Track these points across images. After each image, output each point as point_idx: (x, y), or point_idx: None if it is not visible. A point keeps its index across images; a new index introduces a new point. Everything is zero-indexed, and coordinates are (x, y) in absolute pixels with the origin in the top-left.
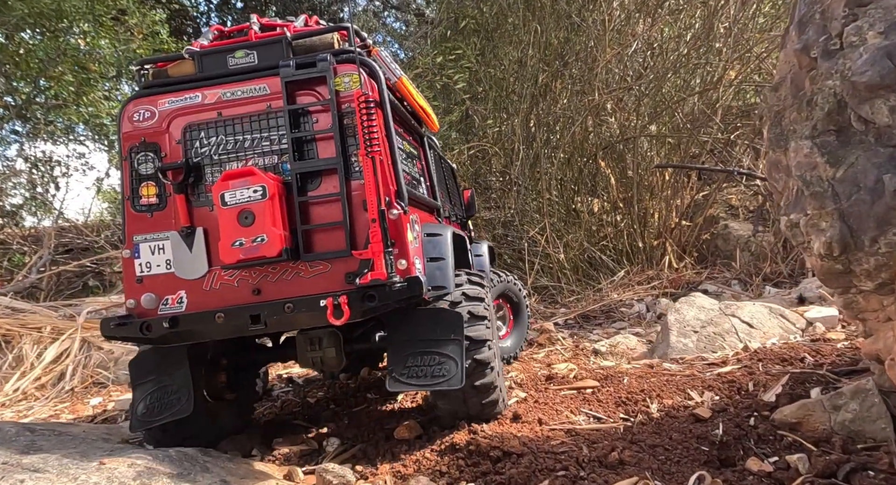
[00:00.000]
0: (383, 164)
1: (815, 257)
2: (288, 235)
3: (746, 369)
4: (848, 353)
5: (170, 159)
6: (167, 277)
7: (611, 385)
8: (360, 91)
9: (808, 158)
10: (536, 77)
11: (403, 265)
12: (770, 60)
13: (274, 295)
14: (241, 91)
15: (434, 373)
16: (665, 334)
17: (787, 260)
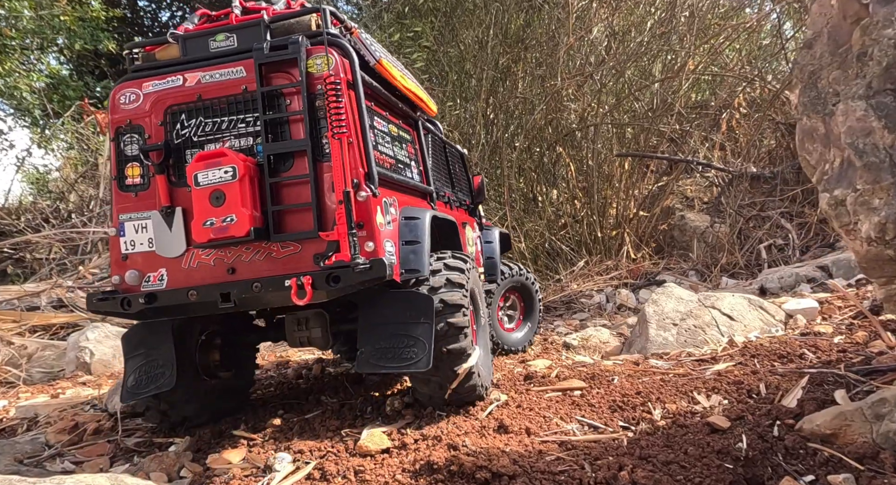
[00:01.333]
0: (353, 145)
1: (860, 241)
2: (259, 215)
3: (743, 366)
4: (850, 349)
5: (153, 141)
6: (149, 255)
7: (600, 386)
8: (327, 73)
9: (861, 123)
10: (497, 60)
11: (371, 247)
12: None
13: (247, 274)
14: (220, 74)
15: (402, 356)
16: (643, 327)
17: (743, 251)
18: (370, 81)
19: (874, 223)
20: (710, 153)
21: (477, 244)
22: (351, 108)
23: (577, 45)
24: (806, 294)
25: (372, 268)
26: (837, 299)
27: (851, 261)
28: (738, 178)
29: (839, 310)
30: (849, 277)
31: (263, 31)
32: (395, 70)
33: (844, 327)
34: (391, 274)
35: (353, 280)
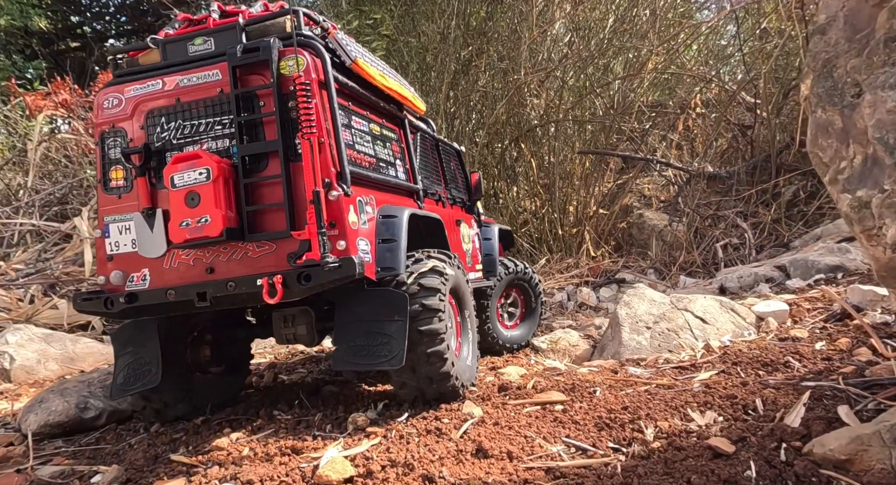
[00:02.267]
0: (325, 145)
1: (882, 247)
2: (234, 215)
3: (728, 375)
4: (834, 356)
5: (135, 144)
6: (132, 255)
7: (582, 400)
8: (297, 74)
9: (892, 115)
10: (458, 52)
11: (342, 246)
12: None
13: (224, 274)
14: (197, 77)
15: (377, 353)
16: (616, 331)
17: (700, 250)
18: (345, 82)
19: None
20: (668, 152)
21: (475, 241)
22: (323, 108)
23: (539, 40)
24: (771, 295)
25: (341, 266)
26: (805, 301)
27: (808, 261)
28: (696, 177)
29: (808, 312)
30: (806, 277)
31: (239, 34)
32: (374, 69)
33: (819, 331)
34: (361, 272)
35: (324, 279)
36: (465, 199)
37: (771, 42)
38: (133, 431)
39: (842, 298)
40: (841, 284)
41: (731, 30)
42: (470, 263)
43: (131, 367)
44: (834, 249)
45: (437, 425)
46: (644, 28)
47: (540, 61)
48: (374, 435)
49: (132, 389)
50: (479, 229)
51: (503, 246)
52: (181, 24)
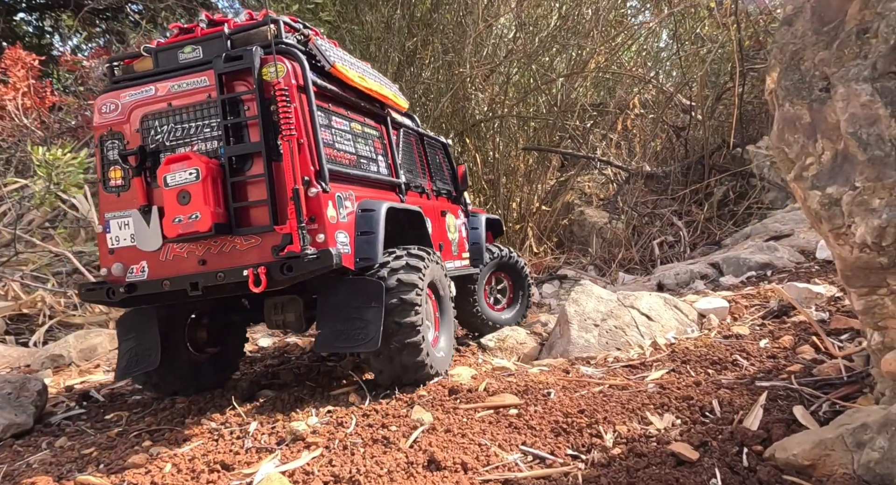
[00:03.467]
0: (304, 146)
1: (850, 247)
2: (222, 211)
3: (678, 374)
4: (779, 354)
5: (131, 146)
6: (132, 249)
7: (536, 402)
8: (277, 80)
9: (866, 110)
10: (403, 43)
11: (322, 239)
12: (626, 54)
13: (215, 265)
14: (187, 84)
15: (355, 336)
16: (565, 328)
17: (638, 247)
18: (324, 85)
19: (872, 227)
20: (609, 151)
21: (461, 231)
22: (302, 111)
23: (485, 34)
24: (708, 292)
25: (319, 258)
26: (742, 298)
27: (740, 259)
28: (634, 176)
29: (746, 309)
30: (738, 274)
31: (225, 43)
32: (353, 72)
33: (759, 328)
34: (339, 263)
35: (304, 269)
36: (451, 190)
37: (705, 47)
38: (34, 447)
39: (777, 295)
40: (772, 282)
41: (668, 33)
42: (456, 252)
43: (133, 351)
44: (763, 247)
45: (384, 434)
46: (587, 27)
47: (485, 56)
48: (316, 446)
49: (134, 371)
50: (466, 219)
51: (492, 234)
52: (173, 32)
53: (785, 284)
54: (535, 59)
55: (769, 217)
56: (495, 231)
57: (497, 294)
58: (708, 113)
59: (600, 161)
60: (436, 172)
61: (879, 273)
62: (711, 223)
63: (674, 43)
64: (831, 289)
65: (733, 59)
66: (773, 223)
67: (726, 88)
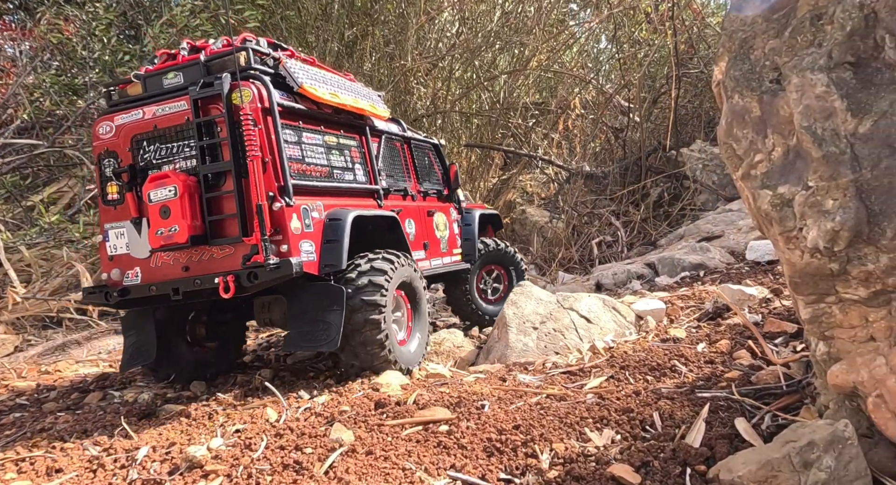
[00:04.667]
0: (269, 164)
1: (800, 251)
2: (199, 224)
3: (618, 381)
4: (717, 359)
5: (124, 164)
6: (126, 256)
7: (470, 417)
8: (243, 106)
9: (821, 102)
10: (342, 32)
11: (285, 249)
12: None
13: (195, 272)
14: (169, 107)
15: (318, 337)
16: (503, 332)
17: (577, 246)
18: (292, 105)
19: (825, 231)
20: (550, 150)
21: (453, 228)
22: (267, 131)
23: (427, 27)
24: (645, 292)
25: (280, 267)
26: (678, 299)
27: (674, 259)
28: (574, 175)
29: (682, 311)
30: (673, 274)
31: (202, 69)
32: (322, 90)
33: (695, 331)
34: (299, 272)
35: (268, 277)
36: (441, 189)
37: (642, 51)
38: None
39: (711, 296)
40: (705, 282)
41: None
42: (446, 249)
43: (134, 346)
44: (696, 248)
45: (297, 458)
46: (529, 24)
47: (428, 49)
48: (215, 475)
49: (135, 364)
50: (459, 216)
51: (492, 228)
52: (160, 59)
53: (719, 285)
54: (477, 55)
55: (701, 218)
56: (494, 225)
57: (491, 286)
58: (645, 115)
59: (542, 160)
60: (423, 174)
61: (829, 280)
62: (647, 224)
63: (613, 45)
64: (763, 291)
65: (669, 63)
66: (705, 224)
67: (662, 92)
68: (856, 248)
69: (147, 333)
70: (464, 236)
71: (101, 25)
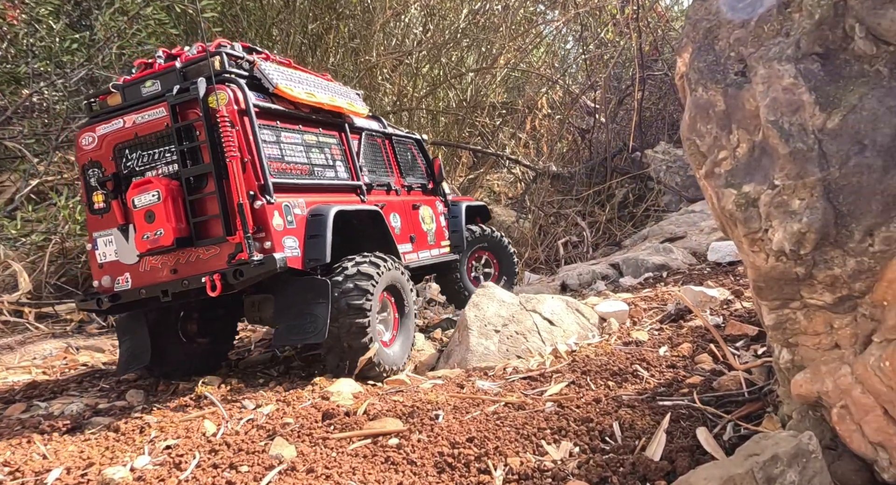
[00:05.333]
0: (248, 164)
1: (765, 254)
2: (184, 226)
3: (578, 387)
4: (679, 363)
5: (108, 173)
6: (116, 262)
7: (422, 428)
8: (220, 108)
9: (789, 94)
10: (305, 25)
11: (268, 246)
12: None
13: (183, 274)
14: (149, 115)
15: (306, 329)
16: (464, 335)
17: (543, 247)
18: (268, 105)
19: (791, 232)
20: (517, 150)
21: (440, 220)
22: (245, 132)
23: (393, 22)
24: (609, 293)
25: (264, 263)
26: (641, 301)
27: (638, 260)
28: (541, 175)
29: (645, 312)
30: (637, 275)
31: (178, 76)
32: (298, 90)
33: (658, 333)
34: (283, 266)
35: (253, 273)
36: (425, 183)
37: (608, 52)
38: None
39: (674, 298)
40: (668, 283)
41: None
42: (433, 241)
43: (129, 350)
44: (659, 249)
45: (230, 478)
46: (496, 22)
47: (394, 45)
48: None
49: (131, 368)
50: (446, 209)
51: (481, 219)
52: (138, 68)
53: (681, 286)
54: (444, 52)
55: (664, 219)
56: (483, 217)
57: (482, 272)
58: (611, 116)
59: (509, 159)
60: (406, 169)
61: (794, 285)
62: (612, 224)
63: (580, 45)
64: (725, 292)
65: (634, 64)
66: (669, 225)
67: (627, 94)
68: (822, 251)
69: (141, 337)
70: (451, 228)
71: (46, 10)
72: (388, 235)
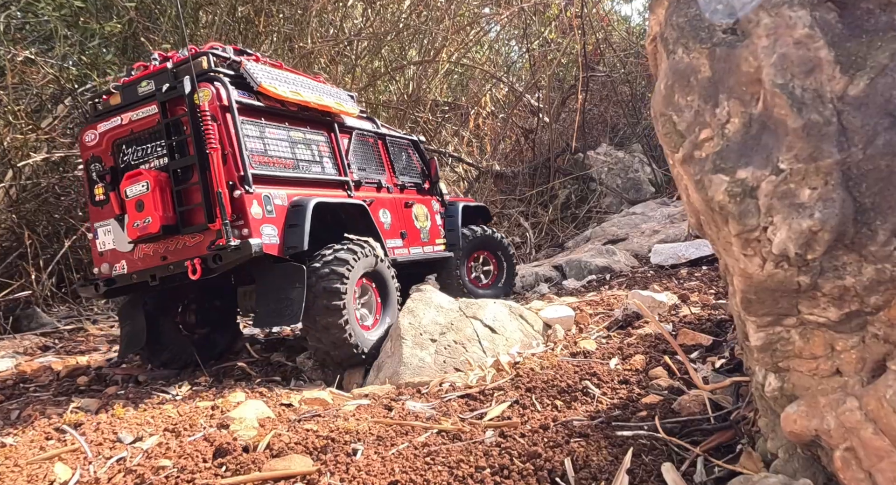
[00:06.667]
0: (229, 156)
1: (761, 258)
2: (172, 215)
3: (523, 408)
4: (632, 378)
5: (107, 167)
6: (114, 251)
7: (336, 469)
8: (202, 104)
9: (803, 49)
10: (234, 6)
11: (246, 233)
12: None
13: (171, 260)
14: (143, 113)
15: (282, 313)
16: (397, 345)
17: None
18: (251, 103)
19: (798, 231)
20: (460, 148)
21: (435, 219)
22: (227, 126)
23: (331, 8)
24: (553, 297)
25: (240, 248)
26: (586, 305)
27: (581, 262)
28: (485, 174)
29: (591, 318)
30: (580, 278)
31: (170, 76)
32: (283, 88)
33: (606, 341)
34: (259, 252)
35: (230, 258)
36: (420, 183)
37: (552, 52)
38: None
39: (622, 303)
40: (613, 286)
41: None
42: (427, 239)
43: (128, 336)
44: (602, 250)
45: None
46: (440, 15)
47: (332, 34)
48: None
49: (130, 351)
50: (442, 208)
51: (483, 220)
52: (137, 70)
53: (626, 290)
54: (385, 43)
55: (606, 221)
56: (484, 218)
57: (482, 271)
58: (554, 116)
59: (451, 157)
60: (401, 168)
61: (792, 297)
62: (555, 225)
63: (524, 42)
64: (672, 297)
65: (577, 65)
66: (611, 227)
67: (570, 94)
68: (833, 255)
69: (138, 322)
70: (447, 227)
71: None
72: (373, 229)
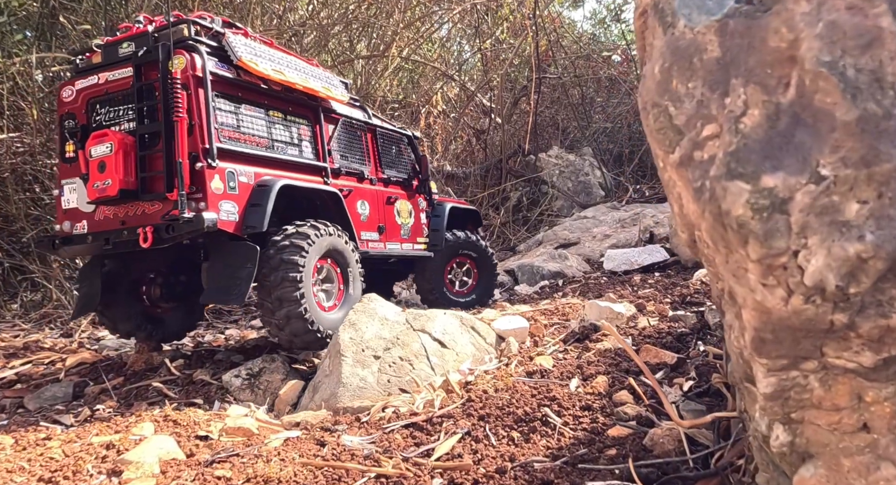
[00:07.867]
0: (195, 127)
1: (787, 290)
2: (132, 180)
3: (475, 444)
4: (595, 403)
5: (79, 125)
6: (76, 210)
7: None
8: (175, 71)
9: (858, 16)
10: None
11: (203, 206)
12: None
13: (129, 225)
14: (119, 74)
15: (229, 291)
16: (335, 363)
17: None
18: (228, 76)
19: (842, 257)
20: None
21: (420, 217)
22: (197, 97)
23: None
24: (505, 305)
25: (192, 221)
26: (540, 314)
27: (534, 267)
28: (436, 175)
29: (546, 329)
30: (532, 283)
31: (150, 40)
32: (264, 66)
33: (563, 356)
34: (212, 227)
35: (182, 230)
36: (409, 179)
37: (504, 52)
38: None
39: (577, 313)
40: (566, 293)
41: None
42: (408, 236)
43: (83, 297)
44: (555, 255)
45: None
46: (389, 7)
47: (275, 24)
48: None
49: (84, 312)
50: (429, 207)
51: (473, 225)
52: (121, 31)
53: (584, 300)
54: (332, 35)
55: (558, 225)
56: (474, 223)
57: (460, 279)
58: (506, 117)
59: None
60: (388, 162)
61: (818, 338)
62: (507, 228)
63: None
64: (631, 308)
65: (530, 65)
66: (562, 231)
67: (522, 94)
68: (879, 288)
69: (93, 285)
70: (432, 227)
71: None
72: (345, 218)
